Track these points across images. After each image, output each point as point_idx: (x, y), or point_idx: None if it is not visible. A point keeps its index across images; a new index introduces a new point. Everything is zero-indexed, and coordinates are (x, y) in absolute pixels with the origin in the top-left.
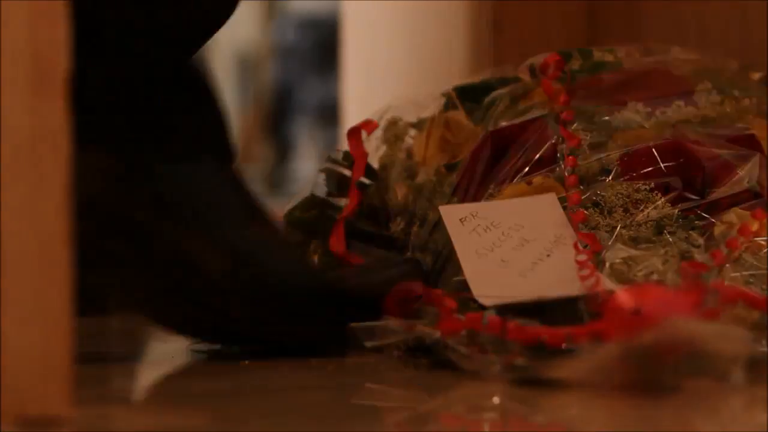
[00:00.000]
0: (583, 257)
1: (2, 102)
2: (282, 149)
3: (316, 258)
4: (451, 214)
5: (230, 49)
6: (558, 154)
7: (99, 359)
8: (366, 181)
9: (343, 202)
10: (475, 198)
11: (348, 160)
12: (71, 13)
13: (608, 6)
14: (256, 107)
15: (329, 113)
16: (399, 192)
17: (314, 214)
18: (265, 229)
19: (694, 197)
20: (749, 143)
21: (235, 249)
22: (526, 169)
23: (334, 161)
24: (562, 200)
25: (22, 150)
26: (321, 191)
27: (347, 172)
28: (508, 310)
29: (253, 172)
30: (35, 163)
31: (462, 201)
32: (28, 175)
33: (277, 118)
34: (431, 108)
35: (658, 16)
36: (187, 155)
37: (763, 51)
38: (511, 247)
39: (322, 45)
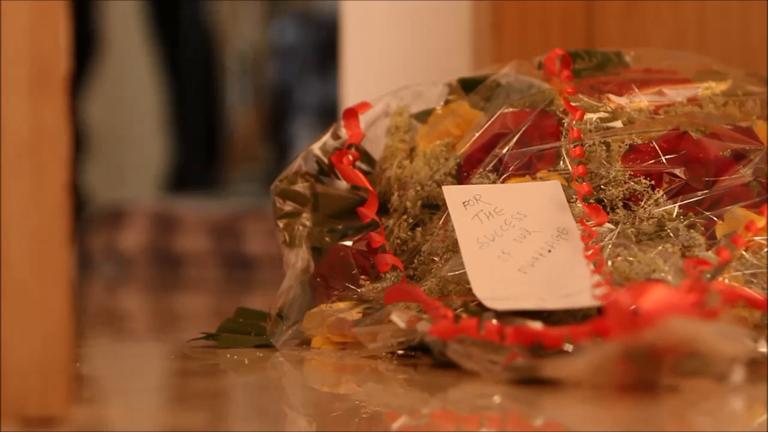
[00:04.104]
0: (590, 258)
1: (2, 102)
2: (282, 149)
3: (305, 228)
4: (455, 195)
5: (230, 49)
6: (562, 132)
7: None
8: (365, 167)
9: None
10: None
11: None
12: None
13: (608, 6)
14: (256, 107)
15: (329, 113)
16: (393, 173)
17: (303, 186)
18: None
19: (698, 189)
20: (750, 135)
21: None
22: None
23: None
24: (567, 190)
25: (22, 150)
26: (310, 166)
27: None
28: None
29: (253, 172)
30: (35, 163)
31: (469, 171)
32: (28, 175)
33: (277, 118)
34: (433, 98)
35: (658, 16)
36: None
37: (763, 51)
38: (512, 238)
39: (321, 45)
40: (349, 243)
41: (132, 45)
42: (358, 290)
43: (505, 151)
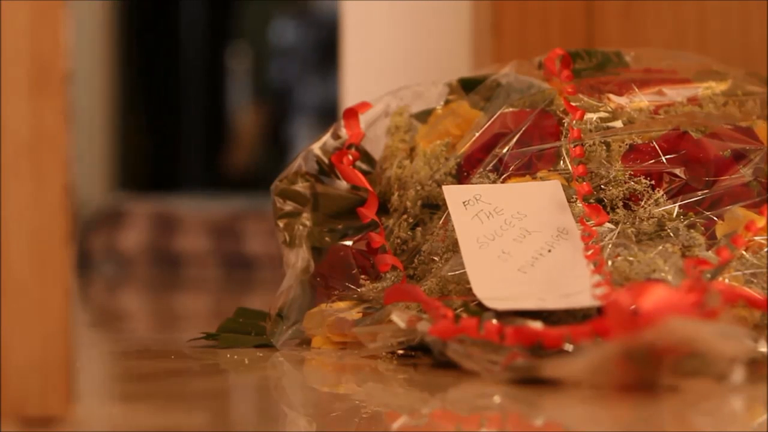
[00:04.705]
0: (590, 258)
1: (2, 102)
2: (282, 149)
3: (305, 228)
4: (455, 195)
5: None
6: (562, 132)
7: None
8: (365, 167)
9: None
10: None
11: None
12: None
13: (608, 6)
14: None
15: (329, 113)
16: (393, 173)
17: (303, 186)
18: None
19: (698, 189)
20: (750, 135)
21: None
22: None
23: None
24: (567, 190)
25: (22, 150)
26: (310, 166)
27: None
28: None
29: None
30: (35, 163)
31: (469, 171)
32: (28, 175)
33: (277, 118)
34: (433, 98)
35: (658, 16)
36: None
37: (763, 51)
38: (512, 237)
39: (321, 45)
40: (349, 243)
41: None
42: (358, 290)
43: (505, 151)
